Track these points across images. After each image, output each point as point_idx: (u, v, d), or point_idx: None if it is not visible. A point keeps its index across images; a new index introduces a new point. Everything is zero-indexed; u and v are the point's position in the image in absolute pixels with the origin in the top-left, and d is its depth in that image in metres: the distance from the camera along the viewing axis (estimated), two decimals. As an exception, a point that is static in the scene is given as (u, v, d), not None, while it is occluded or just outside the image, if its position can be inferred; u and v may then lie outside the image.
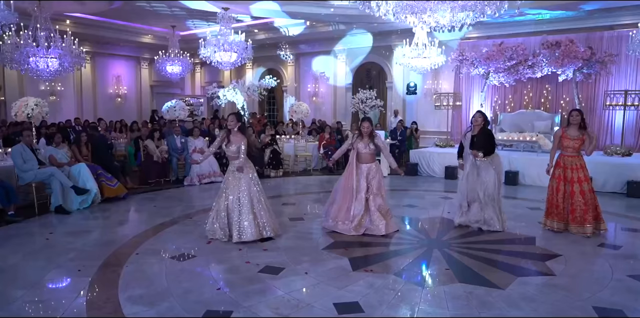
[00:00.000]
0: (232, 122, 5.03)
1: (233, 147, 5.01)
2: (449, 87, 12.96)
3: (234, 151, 5.02)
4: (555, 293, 3.66)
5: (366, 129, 5.44)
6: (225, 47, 9.27)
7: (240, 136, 5.03)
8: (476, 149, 5.37)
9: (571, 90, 10.53)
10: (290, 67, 16.38)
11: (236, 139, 5.02)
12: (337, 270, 4.13)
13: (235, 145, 5.00)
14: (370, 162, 5.46)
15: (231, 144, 5.02)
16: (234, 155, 5.05)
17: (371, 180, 5.41)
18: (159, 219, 5.94)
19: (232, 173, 5.06)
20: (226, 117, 5.23)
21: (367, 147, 5.42)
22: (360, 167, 5.47)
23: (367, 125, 5.46)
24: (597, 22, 10.52)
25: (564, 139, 5.38)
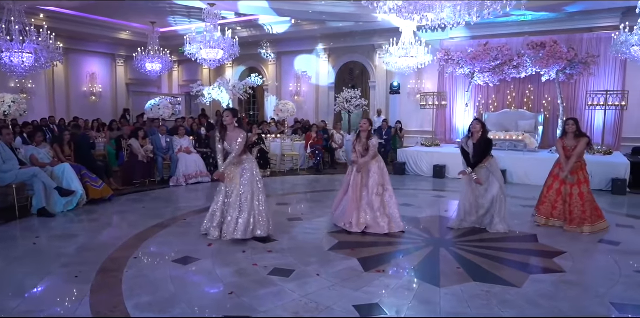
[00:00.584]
0: (227, 118, 4.85)
1: (234, 144, 4.84)
2: (432, 86, 13.06)
3: (234, 148, 4.85)
4: (570, 290, 3.66)
5: (365, 125, 5.35)
6: (211, 44, 9.01)
7: (238, 130, 4.86)
8: (473, 159, 5.32)
9: (553, 90, 10.77)
10: (271, 66, 16.17)
11: (235, 135, 4.85)
12: (348, 271, 4.03)
13: (234, 142, 4.83)
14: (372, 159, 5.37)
15: (231, 141, 4.85)
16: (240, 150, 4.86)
17: (371, 177, 5.32)
18: (151, 221, 5.69)
19: (234, 170, 4.88)
20: (221, 114, 5.01)
21: (364, 149, 5.33)
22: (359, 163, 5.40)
23: (365, 122, 5.38)
24: (577, 24, 10.81)
25: (565, 150, 5.44)
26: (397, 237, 5.16)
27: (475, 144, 5.32)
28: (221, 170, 4.90)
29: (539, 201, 5.70)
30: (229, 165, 4.85)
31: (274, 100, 16.02)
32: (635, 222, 6.03)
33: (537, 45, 9.30)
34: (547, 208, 5.58)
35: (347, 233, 5.21)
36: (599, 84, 10.31)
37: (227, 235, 4.75)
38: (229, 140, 4.86)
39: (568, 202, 5.42)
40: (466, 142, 5.45)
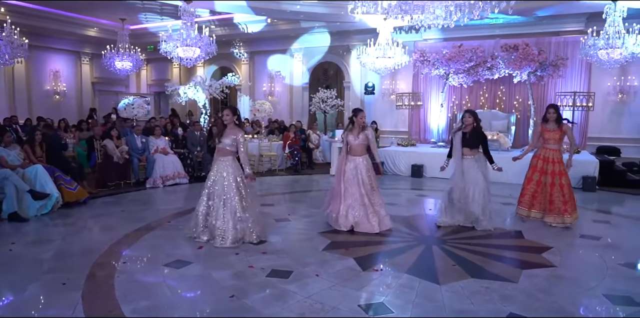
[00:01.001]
0: (227, 116, 4.74)
1: (227, 140, 4.72)
2: (407, 87, 13.23)
3: (228, 143, 4.73)
4: (564, 284, 3.77)
5: (362, 119, 5.34)
6: (188, 42, 8.78)
7: (235, 129, 4.75)
8: (469, 146, 5.44)
9: (523, 91, 11.14)
10: (244, 66, 15.96)
11: (231, 132, 4.74)
12: (347, 270, 4.00)
13: (230, 137, 4.71)
14: (359, 155, 5.36)
15: (226, 137, 4.73)
16: (228, 149, 4.75)
17: (361, 174, 5.31)
18: (133, 225, 5.47)
19: (218, 172, 4.75)
20: (220, 112, 4.89)
21: (357, 138, 5.33)
22: (348, 158, 5.39)
23: (363, 116, 5.37)
24: (545, 28, 11.22)
25: (545, 132, 5.63)
26: (388, 235, 5.17)
27: (467, 132, 5.41)
28: (248, 171, 4.76)
29: (521, 194, 5.86)
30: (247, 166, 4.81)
31: (247, 100, 15.83)
32: (609, 217, 6.30)
33: (510, 48, 9.58)
34: (528, 199, 5.73)
35: (337, 233, 5.18)
36: (566, 86, 10.73)
37: (215, 242, 4.62)
38: (224, 137, 4.74)
39: (549, 191, 5.58)
40: (454, 133, 5.55)
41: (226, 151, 4.78)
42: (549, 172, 5.61)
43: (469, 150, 5.48)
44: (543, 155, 5.69)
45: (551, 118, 5.61)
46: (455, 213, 5.56)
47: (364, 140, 5.34)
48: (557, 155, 5.60)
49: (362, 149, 5.37)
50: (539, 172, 5.67)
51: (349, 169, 5.36)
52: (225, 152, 4.78)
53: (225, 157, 4.78)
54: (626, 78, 10.76)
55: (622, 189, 8.41)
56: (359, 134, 5.34)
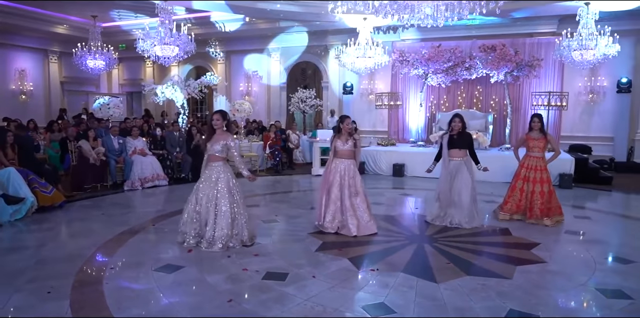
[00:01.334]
0: (218, 121, 4.61)
1: (217, 146, 4.60)
2: (385, 87, 13.32)
3: (218, 150, 4.61)
4: (557, 279, 3.84)
5: (348, 125, 5.31)
6: (166, 41, 8.54)
7: (224, 134, 4.64)
8: (457, 147, 5.49)
9: (499, 91, 11.37)
10: (220, 65, 15.73)
11: (221, 137, 4.62)
12: (342, 271, 3.95)
13: (219, 143, 4.59)
14: (346, 158, 5.33)
15: (215, 143, 4.60)
16: (219, 155, 4.63)
17: (346, 177, 5.28)
18: (115, 229, 5.26)
19: (208, 177, 4.62)
20: (211, 116, 4.76)
21: (345, 144, 5.30)
22: (335, 161, 5.35)
23: (349, 122, 5.34)
24: (519, 29, 11.51)
25: (529, 140, 5.76)
26: (379, 235, 5.15)
27: (454, 135, 5.48)
28: (246, 173, 4.74)
29: (504, 201, 5.94)
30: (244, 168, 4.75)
31: (224, 100, 15.62)
32: (589, 213, 6.49)
33: (488, 48, 9.76)
34: (512, 207, 5.84)
35: (327, 234, 5.12)
36: (540, 86, 11.01)
37: (201, 245, 4.49)
38: (212, 142, 4.62)
39: (529, 198, 5.71)
40: (442, 137, 5.60)
41: (216, 157, 4.66)
42: (531, 180, 5.73)
43: (457, 152, 5.54)
44: (527, 163, 5.81)
45: (535, 127, 5.74)
46: (443, 214, 5.61)
47: (352, 146, 5.32)
48: (541, 163, 5.73)
49: (350, 154, 5.35)
50: (523, 179, 5.78)
51: (336, 171, 5.32)
52: (216, 158, 4.66)
53: (216, 163, 4.66)
54: (596, 78, 11.17)
55: (595, 186, 8.69)
56: (347, 140, 5.31)
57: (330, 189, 5.29)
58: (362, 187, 5.39)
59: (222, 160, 4.68)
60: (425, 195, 7.77)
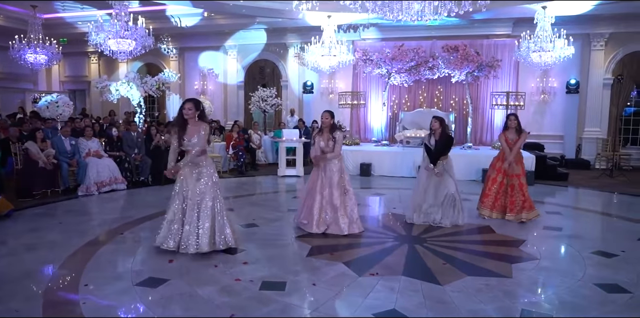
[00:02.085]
0: (190, 111, 4.20)
1: (194, 139, 4.22)
2: (345, 86, 13.24)
3: (196, 143, 4.24)
4: (554, 276, 3.86)
5: (324, 119, 5.12)
6: (122, 34, 7.91)
7: (199, 123, 4.25)
8: (434, 153, 5.44)
9: (459, 91, 11.64)
10: (173, 62, 14.99)
11: (195, 129, 4.24)
12: (342, 277, 3.76)
13: (197, 135, 4.22)
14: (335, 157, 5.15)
15: (191, 136, 4.22)
16: (198, 149, 4.27)
17: (334, 176, 5.10)
18: (79, 239, 4.74)
19: (189, 172, 4.27)
20: (181, 105, 4.32)
21: (328, 145, 5.10)
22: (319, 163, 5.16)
23: (326, 116, 5.14)
24: (476, 30, 11.82)
25: (507, 142, 5.81)
26: (366, 236, 5.02)
27: (437, 140, 5.43)
28: (171, 165, 4.30)
29: (483, 194, 6.00)
30: (187, 163, 4.24)
31: (177, 99, 14.91)
32: (557, 209, 6.70)
33: (451, 48, 9.94)
34: (491, 200, 5.89)
35: (314, 237, 4.91)
36: (497, 86, 11.38)
37: (188, 247, 4.13)
38: (188, 135, 4.23)
39: (509, 192, 5.79)
40: (429, 140, 5.54)
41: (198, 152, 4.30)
42: (509, 174, 5.80)
43: None
44: (504, 157, 5.87)
45: (512, 125, 5.81)
46: (423, 214, 5.57)
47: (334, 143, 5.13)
48: (518, 157, 5.81)
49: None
50: (503, 173, 5.83)
51: (320, 172, 5.13)
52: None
53: (200, 157, 4.30)
54: (547, 80, 11.69)
55: (554, 182, 9.07)
56: (329, 139, 5.11)
57: (317, 189, 5.09)
58: (350, 185, 5.23)
59: (203, 153, 4.33)
60: (398, 194, 7.75)
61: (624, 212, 6.63)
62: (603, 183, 8.98)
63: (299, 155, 9.74)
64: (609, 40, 11.42)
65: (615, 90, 11.56)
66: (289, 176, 9.57)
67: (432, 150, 5.46)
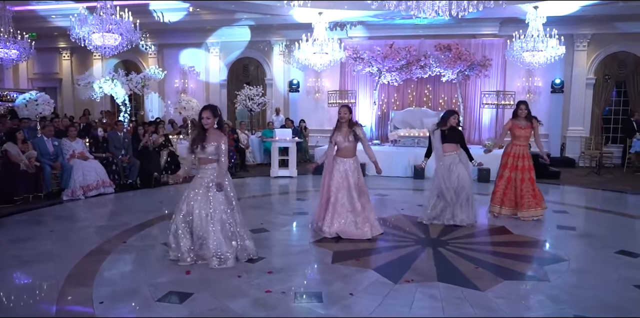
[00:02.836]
0: (208, 120, 3.94)
1: (210, 148, 3.95)
2: (332, 85, 13.05)
3: (211, 152, 3.96)
4: (590, 278, 3.76)
5: (343, 114, 4.89)
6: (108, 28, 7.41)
7: (217, 134, 3.99)
8: (450, 141, 5.34)
9: (447, 89, 11.66)
10: (151, 59, 14.41)
11: (213, 138, 3.97)
12: (378, 285, 3.55)
13: (212, 145, 3.94)
14: (349, 157, 4.93)
15: (208, 144, 3.95)
16: (211, 158, 3.99)
17: (351, 178, 4.89)
18: (79, 249, 4.34)
19: (201, 186, 3.98)
20: (199, 114, 4.06)
21: (347, 140, 4.88)
22: (337, 160, 4.93)
23: (345, 111, 4.92)
24: (464, 30, 11.85)
25: (515, 129, 5.75)
26: (385, 240, 4.83)
27: (446, 129, 5.33)
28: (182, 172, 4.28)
29: (493, 191, 5.94)
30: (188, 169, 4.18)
31: (157, 98, 14.36)
32: (562, 207, 6.70)
33: (444, 47, 9.90)
34: (500, 196, 5.81)
35: (332, 242, 4.69)
36: (484, 85, 11.46)
37: (211, 262, 3.84)
38: (206, 142, 3.96)
39: (519, 187, 5.71)
40: (432, 132, 5.44)
41: (209, 160, 4.02)
42: (519, 168, 5.74)
43: (450, 146, 5.40)
44: (513, 152, 5.81)
45: (522, 114, 5.74)
46: (440, 212, 5.44)
47: (355, 141, 4.91)
48: (526, 151, 5.76)
49: (353, 150, 4.95)
50: (510, 168, 5.77)
51: (338, 172, 4.91)
52: (208, 161, 4.02)
53: (208, 165, 4.01)
54: (533, 79, 11.85)
55: (546, 180, 9.13)
56: (349, 134, 4.88)
57: (333, 193, 4.86)
58: (365, 185, 5.03)
59: (216, 162, 4.06)
60: (400, 195, 7.62)
61: (624, 209, 6.72)
62: (593, 181, 9.13)
63: (292, 155, 9.47)
64: (591, 41, 11.68)
65: (597, 90, 11.84)
66: (282, 177, 9.28)
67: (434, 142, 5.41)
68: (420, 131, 10.22)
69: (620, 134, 11.87)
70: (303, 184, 8.88)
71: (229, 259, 3.84)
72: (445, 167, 5.40)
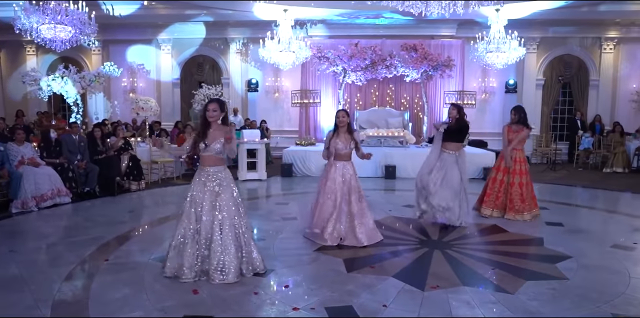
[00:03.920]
0: (215, 112, 3.59)
1: (217, 144, 3.58)
2: (292, 84, 12.79)
3: (217, 149, 3.60)
4: (605, 274, 3.81)
5: (342, 118, 4.67)
6: (59, 19, 6.61)
7: (222, 128, 3.62)
8: (451, 139, 5.30)
9: (409, 89, 11.80)
10: (95, 56, 13.38)
11: (218, 134, 3.59)
12: (406, 294, 3.37)
13: (219, 141, 3.58)
14: (346, 160, 4.72)
15: (213, 141, 3.58)
16: (216, 157, 3.61)
17: (349, 182, 4.68)
18: (54, 271, 3.76)
19: (206, 185, 3.60)
20: (204, 107, 3.66)
21: (348, 146, 4.66)
22: (336, 164, 4.71)
23: (343, 115, 4.70)
24: (422, 31, 12.03)
25: (509, 133, 5.79)
26: (387, 244, 4.65)
27: (451, 125, 5.29)
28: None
29: (484, 194, 5.95)
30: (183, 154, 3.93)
31: (101, 98, 13.29)
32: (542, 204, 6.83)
33: (410, 47, 9.96)
34: (492, 199, 5.85)
35: (338, 249, 4.46)
36: (444, 86, 11.71)
37: (213, 277, 3.46)
38: (210, 140, 3.58)
39: (509, 191, 5.78)
40: (437, 129, 5.39)
41: (214, 159, 3.64)
42: (511, 171, 5.78)
43: (450, 144, 5.35)
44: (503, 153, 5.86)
45: (513, 120, 5.79)
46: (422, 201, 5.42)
47: (354, 147, 4.70)
48: (520, 155, 5.80)
49: (350, 154, 4.74)
50: (503, 172, 5.82)
51: (336, 176, 4.67)
52: (214, 161, 3.64)
53: (214, 167, 3.63)
54: (489, 80, 12.29)
55: (510, 177, 9.45)
56: (349, 141, 4.65)
57: (333, 196, 4.61)
58: (362, 191, 4.82)
59: (223, 163, 3.68)
60: (379, 196, 7.53)
61: (596, 204, 7.08)
62: (552, 177, 9.57)
63: (261, 157, 9.08)
64: (540, 43, 12.31)
65: (546, 91, 12.51)
66: (250, 180, 8.87)
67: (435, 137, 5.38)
68: (388, 131, 10.20)
69: (567, 132, 12.61)
70: (275, 187, 8.53)
71: (231, 273, 3.47)
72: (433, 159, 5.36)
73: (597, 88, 12.47)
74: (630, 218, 5.97)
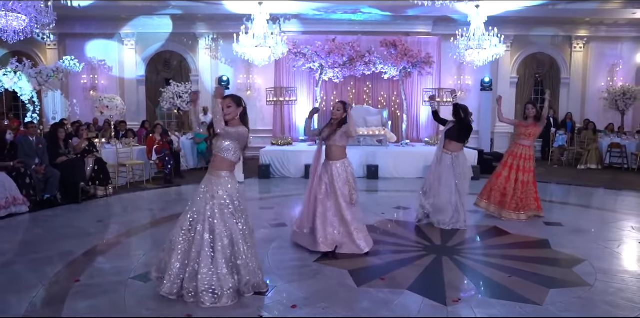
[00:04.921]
0: (230, 108, 3.16)
1: (225, 142, 3.14)
2: (264, 82, 12.30)
3: (224, 148, 3.15)
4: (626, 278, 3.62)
5: (337, 110, 4.30)
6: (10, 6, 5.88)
7: (239, 127, 3.19)
8: (452, 138, 5.08)
9: (386, 87, 11.55)
10: (50, 51, 12.42)
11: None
12: (429, 309, 3.06)
13: (230, 139, 3.14)
14: (337, 159, 4.30)
15: (223, 138, 3.14)
16: (224, 158, 3.18)
17: (340, 183, 4.28)
18: (15, 297, 3.21)
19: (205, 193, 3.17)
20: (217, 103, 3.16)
21: (344, 139, 4.28)
22: (324, 163, 4.35)
23: (339, 107, 4.31)
24: (398, 27, 11.80)
25: (520, 126, 5.62)
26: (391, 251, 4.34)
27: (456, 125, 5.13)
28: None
29: (487, 188, 5.74)
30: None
31: (59, 96, 12.29)
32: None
33: (390, 44, 9.70)
34: (496, 195, 5.62)
35: (338, 259, 4.09)
36: (421, 83, 11.53)
37: (202, 299, 3.01)
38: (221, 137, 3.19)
39: (512, 187, 5.56)
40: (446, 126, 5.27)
41: (221, 161, 3.18)
42: (520, 169, 5.58)
43: (450, 144, 5.12)
44: (515, 151, 5.66)
45: (530, 114, 5.59)
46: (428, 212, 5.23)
47: (342, 140, 4.31)
48: (528, 152, 5.60)
49: (341, 152, 4.33)
50: (509, 168, 5.62)
51: (325, 178, 4.30)
52: (220, 164, 3.19)
53: (219, 172, 3.18)
54: (464, 77, 12.24)
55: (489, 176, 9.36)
56: (336, 130, 4.27)
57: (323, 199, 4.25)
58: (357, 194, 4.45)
59: (229, 167, 3.23)
60: (366, 197, 7.21)
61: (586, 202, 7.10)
62: (532, 175, 9.55)
63: (239, 158, 8.57)
64: (514, 42, 12.36)
65: (520, 89, 12.60)
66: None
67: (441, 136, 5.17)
68: (369, 130, 9.91)
69: (540, 129, 12.74)
70: (254, 190, 8.07)
71: (224, 295, 3.03)
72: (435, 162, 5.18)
73: (568, 86, 12.66)
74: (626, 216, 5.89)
